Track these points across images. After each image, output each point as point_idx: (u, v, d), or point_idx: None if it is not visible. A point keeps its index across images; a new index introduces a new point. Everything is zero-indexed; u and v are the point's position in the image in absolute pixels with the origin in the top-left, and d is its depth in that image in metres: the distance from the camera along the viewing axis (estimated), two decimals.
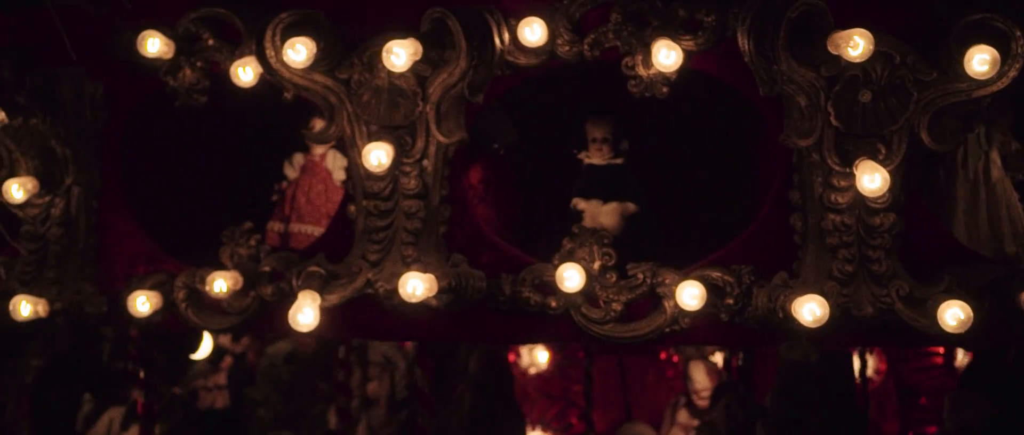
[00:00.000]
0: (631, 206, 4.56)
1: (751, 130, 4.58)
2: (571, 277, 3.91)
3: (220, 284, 4.29)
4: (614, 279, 4.02)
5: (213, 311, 4.55)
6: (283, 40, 3.97)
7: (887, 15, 3.72)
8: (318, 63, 3.95)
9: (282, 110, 4.91)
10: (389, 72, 3.98)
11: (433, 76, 3.97)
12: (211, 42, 4.44)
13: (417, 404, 4.98)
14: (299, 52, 3.85)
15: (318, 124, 5.08)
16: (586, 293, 4.00)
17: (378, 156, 3.94)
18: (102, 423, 7.20)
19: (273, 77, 4.08)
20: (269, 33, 3.98)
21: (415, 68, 3.92)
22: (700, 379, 7.06)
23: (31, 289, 4.74)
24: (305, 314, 3.94)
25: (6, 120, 4.51)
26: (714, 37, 3.92)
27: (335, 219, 4.41)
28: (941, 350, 6.73)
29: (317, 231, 5.06)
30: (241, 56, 4.34)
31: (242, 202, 5.28)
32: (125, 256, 4.75)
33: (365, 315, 4.19)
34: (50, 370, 8.12)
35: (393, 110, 4.09)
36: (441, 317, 4.14)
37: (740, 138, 4.73)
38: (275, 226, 5.08)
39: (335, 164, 5.17)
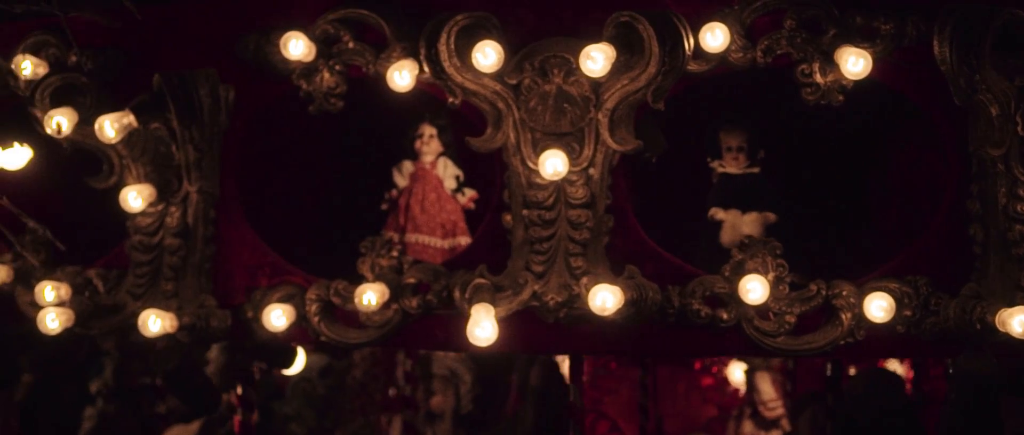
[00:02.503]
0: (771, 216, 4.49)
1: (897, 137, 4.54)
2: (754, 289, 3.82)
3: (370, 297, 4.11)
4: (787, 291, 3.94)
5: (346, 325, 4.37)
6: (457, 43, 3.82)
7: None
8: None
9: (389, 115, 4.78)
10: (562, 78, 3.86)
11: (610, 82, 3.85)
12: (351, 45, 4.26)
13: (569, 420, 4.85)
14: (488, 56, 3.71)
15: (427, 130, 5.00)
16: (757, 305, 3.91)
17: (554, 164, 3.81)
18: None
19: (441, 81, 3.92)
20: (444, 36, 3.82)
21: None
22: (767, 389, 7.01)
23: (146, 303, 4.50)
24: (483, 328, 3.78)
25: (136, 124, 4.27)
26: (891, 45, 3.88)
27: (483, 229, 4.25)
28: None
29: (433, 241, 4.90)
30: (389, 59, 4.17)
31: (351, 210, 5.08)
32: (244, 268, 4.54)
33: (526, 328, 4.05)
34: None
35: (559, 117, 3.96)
36: (605, 330, 4.01)
37: (882, 145, 4.69)
38: (390, 236, 4.89)
39: (446, 172, 5.01)
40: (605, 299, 3.72)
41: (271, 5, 4.41)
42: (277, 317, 4.27)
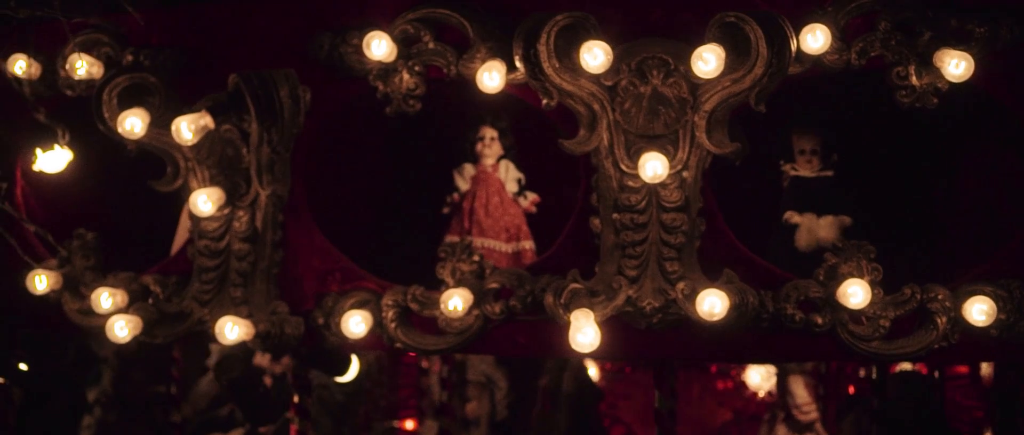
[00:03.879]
0: (846, 219, 4.47)
1: (983, 139, 4.52)
2: (855, 293, 3.78)
3: (456, 302, 4.02)
4: (881, 295, 3.91)
5: (422, 331, 4.27)
6: (556, 43, 3.75)
7: None
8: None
9: (449, 117, 4.70)
10: (661, 79, 3.81)
11: (710, 83, 3.79)
12: (432, 45, 4.17)
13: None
14: (597, 57, 3.64)
15: (488, 132, 4.92)
16: (858, 310, 3.87)
17: (654, 167, 3.75)
18: None
19: (538, 82, 3.84)
20: (544, 36, 3.75)
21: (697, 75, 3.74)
22: (801, 393, 6.98)
23: (214, 310, 4.37)
24: (585, 334, 3.71)
25: (213, 125, 4.14)
26: (986, 48, 3.86)
27: (568, 233, 4.17)
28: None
29: (498, 246, 4.82)
30: (473, 60, 4.09)
31: (412, 214, 4.98)
32: (314, 273, 4.43)
33: (617, 334, 3.98)
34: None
35: (653, 119, 3.90)
36: (698, 335, 3.95)
37: (964, 148, 4.67)
38: (454, 241, 4.79)
39: (508, 176, 4.93)
40: (713, 304, 3.66)
41: (346, 4, 4.30)
42: (356, 323, 4.17)
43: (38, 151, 5.01)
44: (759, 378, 8.58)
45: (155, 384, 8.31)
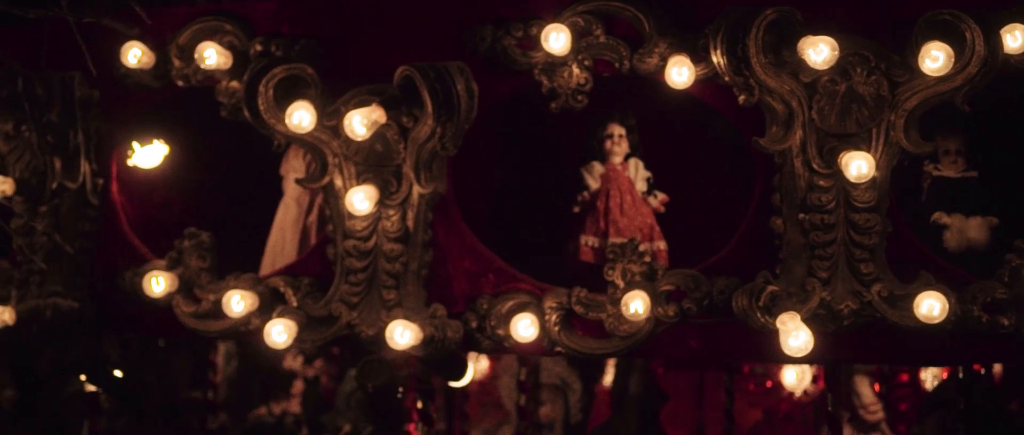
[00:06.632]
0: (994, 220, 4.44)
1: None
2: None
3: (637, 306, 3.89)
4: None
5: (586, 334, 4.13)
6: (764, 38, 3.65)
7: None
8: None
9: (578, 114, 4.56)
10: (864, 77, 3.74)
11: (914, 82, 3.73)
12: (603, 38, 4.03)
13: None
14: (821, 52, 3.54)
15: (617, 130, 4.79)
16: None
17: (859, 166, 3.68)
18: None
19: (741, 77, 3.74)
20: (754, 30, 3.64)
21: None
22: (867, 393, 7.00)
23: (363, 313, 4.17)
24: (797, 338, 3.61)
25: (385, 119, 3.94)
26: None
27: (743, 234, 4.07)
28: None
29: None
30: (650, 54, 3.96)
31: (543, 213, 4.82)
32: (464, 274, 4.26)
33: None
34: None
35: (845, 117, 3.83)
36: (875, 338, 3.90)
37: None
38: (589, 241, 4.65)
39: (638, 175, 4.79)
40: (931, 306, 3.60)
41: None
42: (525, 327, 4.01)
43: (135, 145, 4.76)
44: (794, 378, 8.58)
45: (190, 389, 8.04)
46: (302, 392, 8.11)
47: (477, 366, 7.01)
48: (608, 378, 6.91)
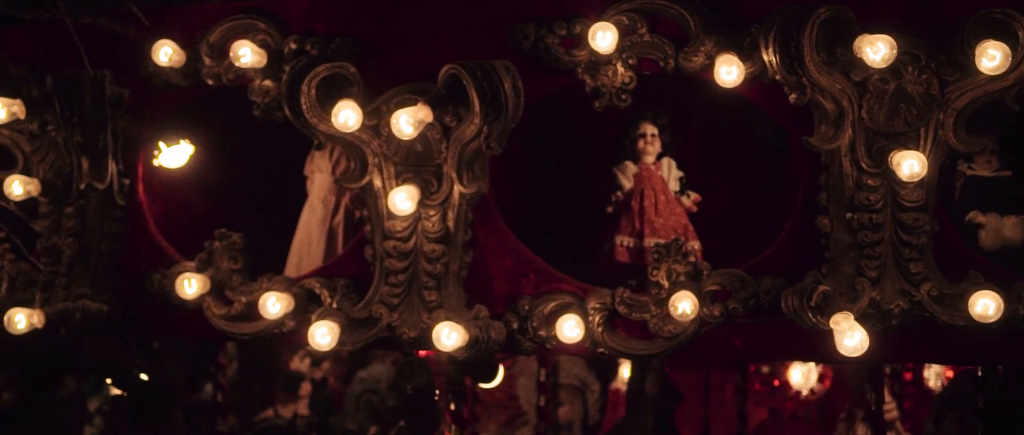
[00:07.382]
0: None
1: None
2: None
3: (685, 306, 3.87)
4: None
5: (629, 335, 4.10)
6: (818, 36, 3.63)
7: None
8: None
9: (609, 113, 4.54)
10: (915, 76, 3.73)
11: (965, 80, 3.72)
12: (647, 37, 4.00)
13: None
14: (879, 50, 3.52)
15: (649, 129, 4.76)
16: None
17: (911, 165, 3.68)
18: None
19: (793, 76, 3.72)
20: (809, 29, 3.62)
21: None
22: (884, 392, 7.00)
23: (404, 314, 4.12)
24: (852, 337, 3.59)
25: (431, 118, 3.89)
26: None
27: (788, 233, 4.05)
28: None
29: None
30: (696, 53, 3.94)
31: (578, 212, 4.78)
32: (504, 275, 4.22)
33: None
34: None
35: (893, 116, 3.81)
36: (919, 337, 3.89)
37: None
38: (624, 241, 4.62)
39: (671, 174, 4.77)
40: (987, 305, 3.59)
41: None
42: (571, 328, 3.98)
43: (161, 145, 4.70)
44: (800, 377, 8.58)
45: (194, 391, 7.94)
46: (310, 395, 8.05)
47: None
48: (624, 378, 6.90)
